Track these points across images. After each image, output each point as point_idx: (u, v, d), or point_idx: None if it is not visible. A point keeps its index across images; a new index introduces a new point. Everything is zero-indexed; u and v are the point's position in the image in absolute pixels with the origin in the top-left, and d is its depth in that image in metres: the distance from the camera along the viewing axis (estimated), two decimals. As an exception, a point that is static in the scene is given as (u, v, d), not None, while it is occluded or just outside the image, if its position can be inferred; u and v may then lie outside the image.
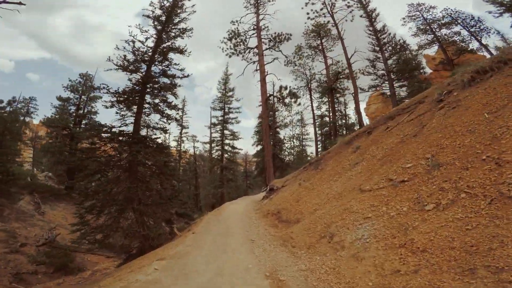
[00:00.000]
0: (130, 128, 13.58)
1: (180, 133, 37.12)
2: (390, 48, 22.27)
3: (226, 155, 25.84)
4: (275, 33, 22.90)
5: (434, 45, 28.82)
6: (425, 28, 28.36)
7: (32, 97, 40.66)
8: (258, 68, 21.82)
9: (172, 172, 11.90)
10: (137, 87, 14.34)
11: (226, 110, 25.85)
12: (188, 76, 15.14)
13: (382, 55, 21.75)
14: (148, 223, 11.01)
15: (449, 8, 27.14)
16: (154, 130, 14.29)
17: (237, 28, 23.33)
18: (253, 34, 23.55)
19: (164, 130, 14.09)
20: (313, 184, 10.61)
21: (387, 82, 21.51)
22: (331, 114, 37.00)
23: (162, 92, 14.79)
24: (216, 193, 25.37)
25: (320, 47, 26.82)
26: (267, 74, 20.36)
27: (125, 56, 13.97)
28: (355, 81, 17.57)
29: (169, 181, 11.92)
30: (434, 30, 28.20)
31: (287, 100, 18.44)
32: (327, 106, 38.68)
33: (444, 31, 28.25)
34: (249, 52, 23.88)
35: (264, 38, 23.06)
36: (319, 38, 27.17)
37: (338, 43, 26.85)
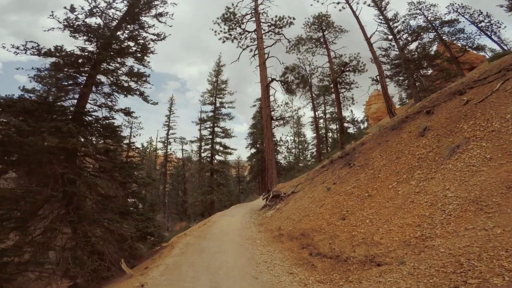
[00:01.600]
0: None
1: (167, 134, 31.77)
2: (405, 35, 18.65)
3: (217, 157, 20.77)
4: (276, 16, 18.62)
5: (436, 43, 25.71)
6: (427, 26, 25.20)
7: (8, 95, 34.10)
8: (256, 52, 17.36)
9: (126, 171, 6.84)
10: (91, 52, 9.35)
11: (218, 105, 21.02)
12: (164, 38, 10.36)
13: (397, 43, 18.07)
14: (79, 251, 5.84)
15: (455, 3, 24.06)
16: (112, 112, 9.22)
17: (233, 11, 18.91)
18: (251, 18, 19.17)
19: (126, 112, 9.04)
20: (365, 188, 5.85)
21: (398, 73, 17.73)
22: (323, 111, 32.91)
23: (125, 59, 9.85)
24: (205, 200, 20.05)
25: (322, 39, 22.87)
26: (267, 57, 15.92)
27: (71, 5, 9.01)
28: (379, 62, 13.50)
29: (120, 184, 6.88)
30: (436, 28, 25.05)
31: (293, 86, 14.04)
32: (323, 108, 34.76)
33: (446, 29, 25.19)
34: (246, 38, 19.40)
35: (263, 22, 18.76)
36: (320, 31, 23.28)
37: (341, 35, 23.07)
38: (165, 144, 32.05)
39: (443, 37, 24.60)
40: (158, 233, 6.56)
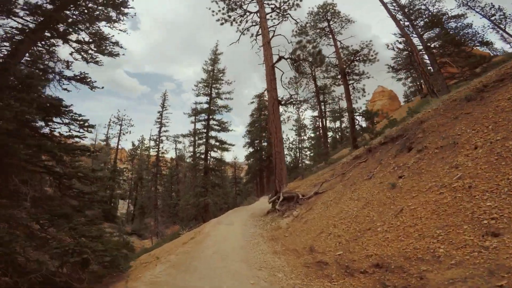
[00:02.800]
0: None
1: (159, 131, 28.42)
2: (423, 22, 16.29)
3: (212, 154, 17.60)
4: (281, -3, 15.90)
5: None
6: (432, 21, 23.06)
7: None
8: (260, 32, 14.55)
9: (58, 157, 3.71)
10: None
11: (214, 95, 17.86)
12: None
13: (415, 29, 15.68)
14: None
15: (465, -4, 21.98)
16: (63, 79, 6.13)
17: (232, -9, 16.10)
18: (252, 1, 16.37)
19: (80, 78, 5.94)
20: (499, 177, 2.90)
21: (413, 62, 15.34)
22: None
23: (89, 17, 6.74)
24: (197, 203, 16.73)
25: (328, 29, 20.36)
26: (273, 36, 13.07)
27: None
28: (410, 38, 10.91)
29: (54, 177, 3.77)
30: (443, 23, 22.92)
31: (306, 65, 11.22)
32: (323, 108, 32.04)
33: (452, 24, 23.10)
34: (247, 21, 16.56)
35: (267, 4, 15.99)
36: (325, 21, 20.81)
37: (348, 26, 20.65)
38: (157, 142, 28.63)
39: (450, 32, 22.50)
40: (101, 260, 3.47)
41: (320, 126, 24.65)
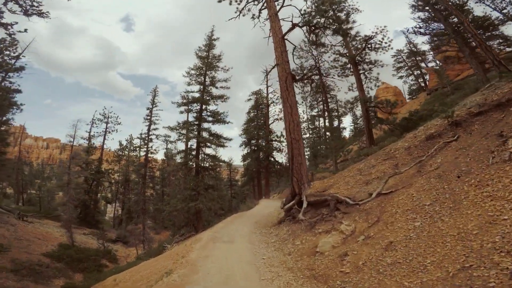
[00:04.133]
0: None
1: (148, 130, 25.09)
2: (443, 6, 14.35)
3: (206, 151, 14.59)
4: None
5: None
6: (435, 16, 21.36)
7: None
8: (264, 6, 11.96)
9: None
10: None
11: (208, 82, 14.91)
12: None
13: (436, 13, 13.63)
14: None
15: (474, -10, 20.26)
16: None
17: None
18: (253, -23, 13.75)
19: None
20: None
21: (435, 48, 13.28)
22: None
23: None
24: (187, 209, 13.52)
25: (334, 17, 18.10)
26: (282, 7, 10.50)
27: None
28: (457, 11, 8.60)
29: None
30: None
31: (329, 32, 8.65)
32: (322, 106, 29.74)
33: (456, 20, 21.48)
34: (248, 1, 13.92)
35: (270, -19, 13.43)
36: (330, 10, 18.53)
37: (354, 14, 18.46)
38: (146, 141, 25.24)
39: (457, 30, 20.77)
40: None
41: (323, 122, 22.11)
